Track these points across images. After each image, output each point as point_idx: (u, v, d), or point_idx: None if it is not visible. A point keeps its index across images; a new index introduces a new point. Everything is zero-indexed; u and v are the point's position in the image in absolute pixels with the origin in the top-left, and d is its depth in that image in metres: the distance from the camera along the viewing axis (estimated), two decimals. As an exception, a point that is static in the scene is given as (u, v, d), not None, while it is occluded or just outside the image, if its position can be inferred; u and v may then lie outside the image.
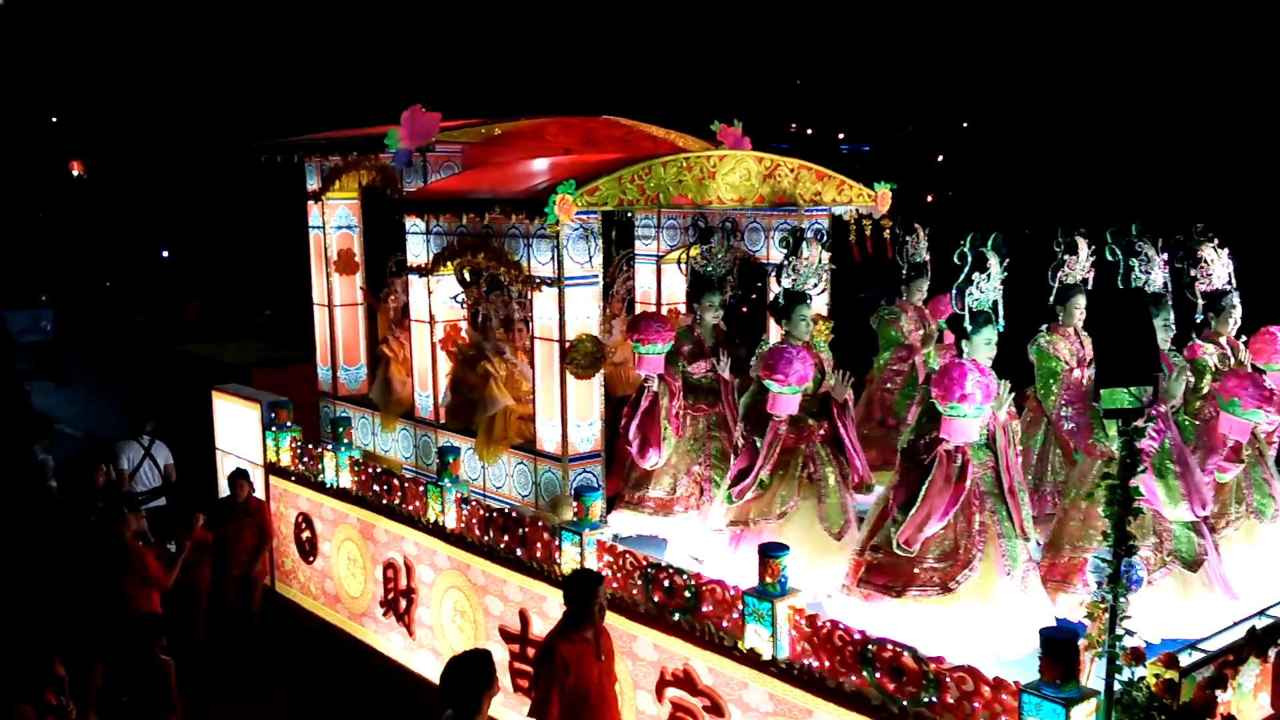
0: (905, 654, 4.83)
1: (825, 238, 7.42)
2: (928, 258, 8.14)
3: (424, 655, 7.77)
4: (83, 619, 7.60)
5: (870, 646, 4.96)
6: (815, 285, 6.85)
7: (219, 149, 33.23)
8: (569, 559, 6.49)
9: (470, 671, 4.85)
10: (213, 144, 33.32)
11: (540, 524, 6.81)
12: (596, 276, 7.42)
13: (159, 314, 22.92)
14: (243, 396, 9.85)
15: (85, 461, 8.86)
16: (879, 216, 8.52)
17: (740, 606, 5.55)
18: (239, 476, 8.95)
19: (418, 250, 8.46)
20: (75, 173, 35.74)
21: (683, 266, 7.95)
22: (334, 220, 9.66)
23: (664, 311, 9.98)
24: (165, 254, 33.28)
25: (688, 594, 5.85)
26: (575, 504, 6.52)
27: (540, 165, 8.21)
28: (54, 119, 35.32)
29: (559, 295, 7.24)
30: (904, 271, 8.14)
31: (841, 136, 44.32)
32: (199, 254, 31.67)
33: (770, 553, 5.40)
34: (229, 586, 8.82)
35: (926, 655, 4.80)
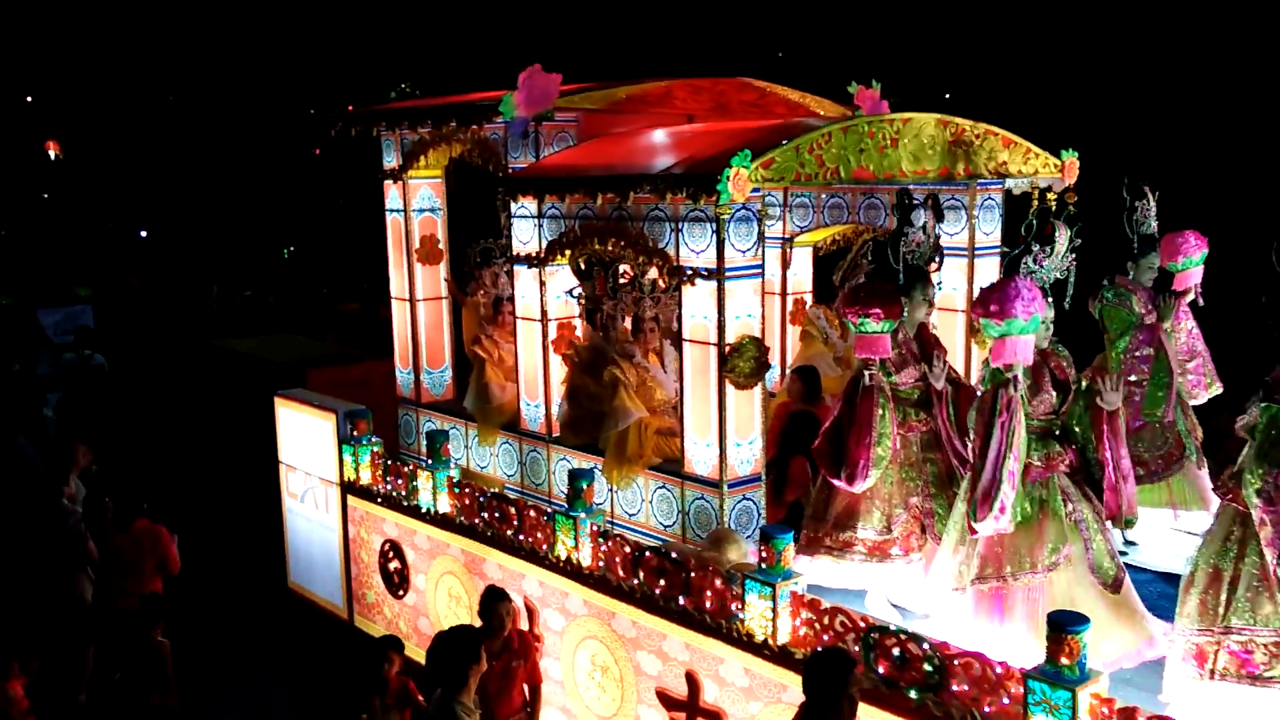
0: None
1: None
2: (1156, 225, 6.87)
3: (553, 715, 6.59)
4: (75, 604, 7.70)
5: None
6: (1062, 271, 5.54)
7: (204, 126, 32.18)
8: (755, 615, 5.30)
9: (456, 647, 4.98)
10: (198, 121, 32.25)
11: (710, 568, 5.61)
12: (760, 266, 6.22)
13: (140, 291, 22.06)
14: (313, 404, 8.64)
15: (63, 444, 8.55)
16: (1063, 189, 7.30)
17: (1013, 690, 4.37)
18: (496, 600, 6.08)
19: (527, 236, 7.25)
20: (52, 154, 34.41)
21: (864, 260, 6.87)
22: (416, 202, 8.45)
23: (789, 303, 8.80)
24: (144, 234, 32.36)
25: (928, 667, 4.67)
26: (764, 547, 5.31)
27: (670, 136, 7.01)
28: (29, 99, 34.08)
29: (718, 289, 6.04)
30: (1134, 245, 6.88)
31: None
32: (180, 235, 30.75)
33: (1067, 626, 4.20)
34: None
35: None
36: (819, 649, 4.93)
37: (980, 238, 7.41)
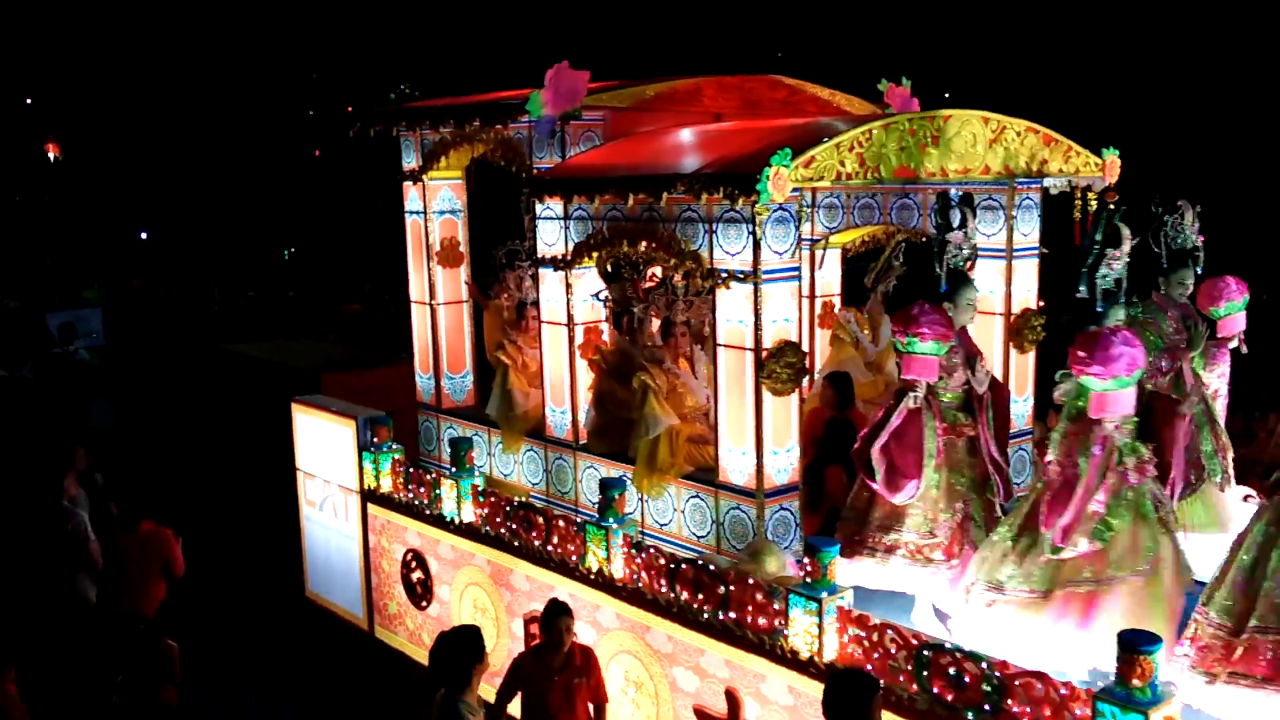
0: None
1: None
2: (1200, 240, 6.64)
3: (584, 732, 6.39)
4: (77, 606, 7.80)
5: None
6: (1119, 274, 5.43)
7: (205, 127, 32.05)
8: (800, 631, 5.10)
9: (460, 646, 4.97)
10: (198, 122, 32.13)
11: (750, 581, 5.42)
12: (797, 269, 6.04)
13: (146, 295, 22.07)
14: (331, 410, 8.44)
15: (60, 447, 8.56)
16: (1101, 189, 7.09)
17: (1078, 712, 4.17)
18: (557, 614, 5.64)
19: (552, 238, 7.06)
20: (51, 155, 34.31)
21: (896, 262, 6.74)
22: (436, 204, 8.26)
23: (818, 307, 8.60)
24: (144, 236, 32.31)
25: (986, 688, 4.47)
26: (809, 560, 5.12)
27: (701, 135, 6.83)
28: (28, 100, 33.96)
29: (754, 292, 5.85)
30: (1162, 260, 6.67)
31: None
32: (181, 236, 30.67)
33: (1139, 645, 4.00)
34: None
35: None
36: (839, 668, 4.79)
37: (1018, 239, 7.20)
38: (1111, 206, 6.56)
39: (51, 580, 7.96)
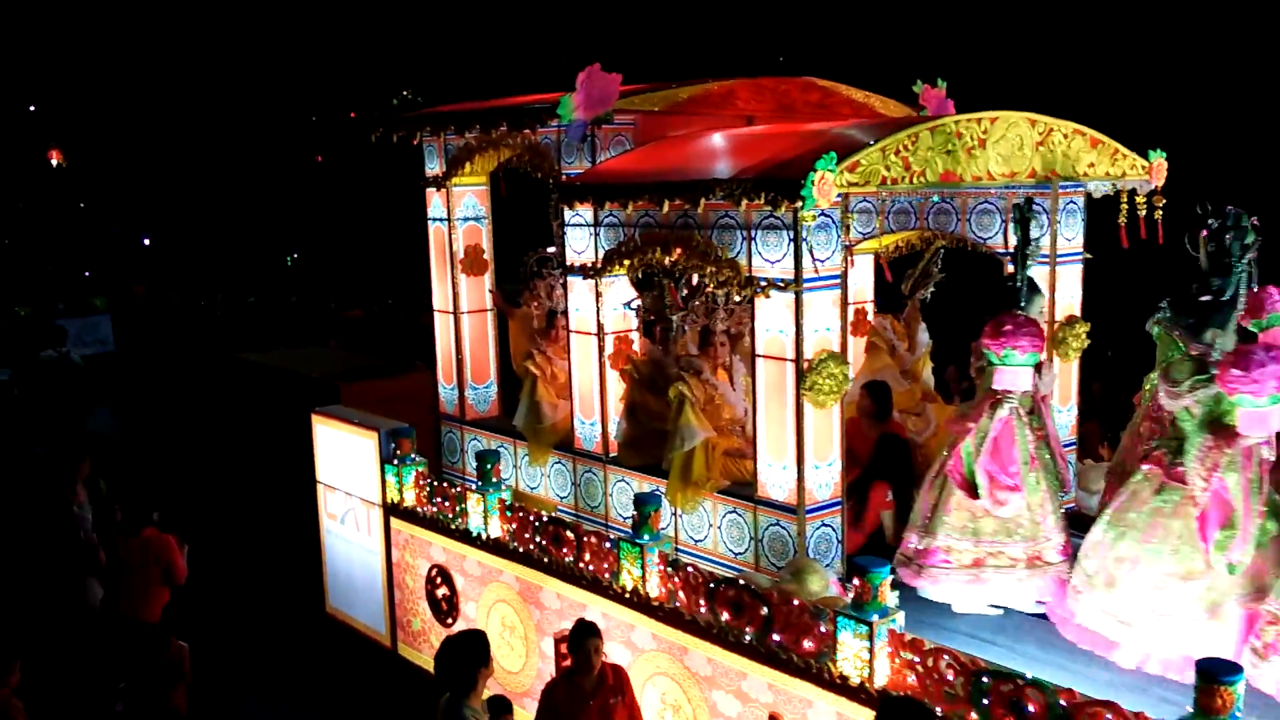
0: None
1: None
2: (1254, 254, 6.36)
3: (619, 756, 6.18)
4: (84, 610, 7.87)
5: None
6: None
7: (207, 132, 31.99)
8: (849, 655, 4.89)
9: (466, 650, 4.99)
10: (200, 127, 32.06)
11: (795, 602, 5.21)
12: (839, 277, 5.83)
13: (149, 298, 21.95)
14: (352, 422, 8.25)
15: (70, 453, 8.54)
16: (1146, 191, 6.87)
17: (1154, 744, 3.95)
18: (585, 635, 5.50)
19: (582, 245, 6.87)
20: (54, 162, 34.32)
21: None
22: (460, 211, 8.08)
23: (850, 313, 8.36)
24: (147, 242, 32.33)
25: (1051, 715, 4.25)
26: (859, 582, 4.90)
27: (735, 138, 6.63)
28: (31, 108, 33.93)
29: (796, 302, 5.65)
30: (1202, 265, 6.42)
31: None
32: (183, 242, 30.65)
33: (1220, 675, 3.78)
34: None
35: None
36: (891, 696, 4.61)
37: (1062, 243, 7.00)
38: (1142, 210, 6.46)
39: (63, 585, 7.91)
